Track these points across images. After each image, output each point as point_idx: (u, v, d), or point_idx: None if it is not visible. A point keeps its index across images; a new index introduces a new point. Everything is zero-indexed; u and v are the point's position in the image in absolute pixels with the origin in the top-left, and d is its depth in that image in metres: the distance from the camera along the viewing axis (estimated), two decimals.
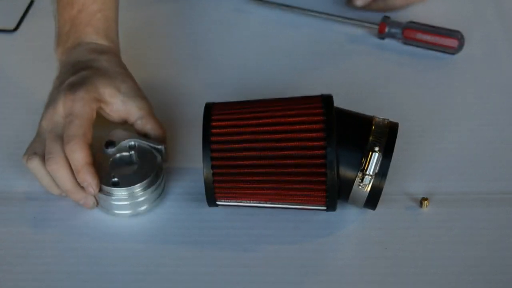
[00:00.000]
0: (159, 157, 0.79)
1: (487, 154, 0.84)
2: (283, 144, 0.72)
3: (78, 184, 0.76)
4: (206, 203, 0.75)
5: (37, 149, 0.78)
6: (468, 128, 0.87)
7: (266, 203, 0.75)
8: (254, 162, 0.72)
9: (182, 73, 0.95)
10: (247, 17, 1.03)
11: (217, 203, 0.75)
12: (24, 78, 0.94)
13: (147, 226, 0.78)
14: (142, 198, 0.77)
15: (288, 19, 1.02)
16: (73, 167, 0.75)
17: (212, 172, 0.73)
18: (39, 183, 0.78)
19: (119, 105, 0.80)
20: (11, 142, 0.86)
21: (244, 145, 0.72)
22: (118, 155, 0.79)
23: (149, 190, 0.77)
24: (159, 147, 0.80)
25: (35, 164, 0.77)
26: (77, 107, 0.77)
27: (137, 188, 0.77)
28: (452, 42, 0.94)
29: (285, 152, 0.72)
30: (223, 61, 0.97)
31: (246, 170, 0.72)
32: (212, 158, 0.72)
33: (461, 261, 0.74)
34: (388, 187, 0.74)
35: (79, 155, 0.75)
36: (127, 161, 0.80)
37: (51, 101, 0.79)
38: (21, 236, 0.77)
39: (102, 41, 0.84)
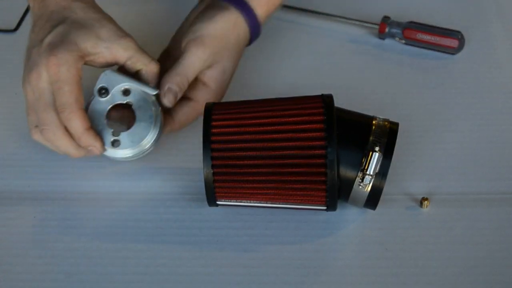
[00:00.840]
0: (152, 100, 0.78)
1: (487, 154, 0.84)
2: (283, 144, 0.72)
3: (77, 145, 0.77)
4: (206, 203, 0.75)
5: (34, 122, 0.77)
6: (468, 128, 0.87)
7: (266, 203, 0.75)
8: (254, 162, 0.72)
9: None
10: None
11: (217, 203, 0.75)
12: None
13: (147, 226, 0.78)
14: (148, 146, 0.78)
15: (288, 19, 1.02)
16: (72, 135, 0.75)
17: (212, 172, 0.73)
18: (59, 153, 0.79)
19: (105, 52, 0.78)
20: (11, 142, 0.86)
21: (244, 145, 0.72)
22: (113, 104, 0.78)
23: (151, 142, 0.78)
24: (154, 92, 0.79)
25: (38, 137, 0.77)
26: (63, 72, 0.75)
27: (139, 146, 0.77)
28: (452, 42, 0.94)
29: (285, 152, 0.72)
30: None
31: (246, 170, 0.72)
32: (212, 158, 0.72)
33: (461, 261, 0.74)
34: (388, 187, 0.74)
35: (76, 123, 0.74)
36: (124, 107, 0.79)
37: (32, 65, 0.76)
38: (21, 236, 0.77)
39: None
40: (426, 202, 0.78)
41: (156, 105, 0.79)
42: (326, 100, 0.74)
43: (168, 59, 0.86)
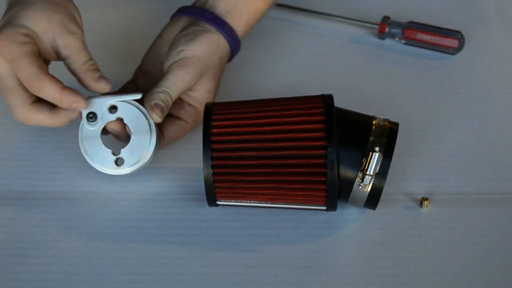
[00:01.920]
0: (144, 110, 0.78)
1: (487, 154, 0.84)
2: (283, 144, 0.72)
3: (55, 108, 0.75)
4: (206, 203, 0.75)
5: (11, 102, 0.75)
6: (468, 128, 0.87)
7: (266, 203, 0.75)
8: (254, 162, 0.72)
9: None
10: None
11: (217, 203, 0.75)
12: None
13: (147, 226, 0.78)
14: (151, 154, 0.78)
15: (287, 19, 1.02)
16: (52, 101, 0.73)
17: (212, 172, 0.73)
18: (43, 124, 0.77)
19: (50, 42, 0.75)
20: (11, 142, 0.86)
21: (244, 145, 0.72)
22: (104, 124, 0.77)
23: (152, 152, 0.78)
24: (139, 97, 0.78)
25: (23, 117, 0.76)
26: (15, 49, 0.72)
27: (146, 152, 0.77)
28: (452, 42, 0.94)
29: (285, 152, 0.72)
30: None
31: (246, 170, 0.72)
32: (212, 158, 0.72)
33: (461, 261, 0.74)
34: (388, 187, 0.74)
35: (50, 89, 0.72)
36: (117, 132, 0.79)
37: None
38: (21, 236, 0.77)
39: None
40: (426, 202, 0.78)
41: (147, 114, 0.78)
42: (326, 100, 0.74)
43: (143, 76, 0.85)
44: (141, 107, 0.78)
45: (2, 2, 0.81)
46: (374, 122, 0.73)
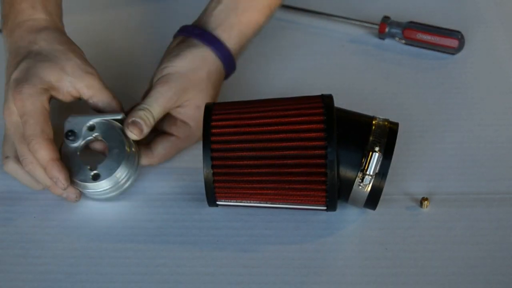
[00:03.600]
0: (122, 129, 0.78)
1: (487, 154, 0.84)
2: (283, 144, 0.72)
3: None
4: (206, 203, 0.75)
5: (8, 152, 0.78)
6: (468, 128, 0.87)
7: (266, 203, 0.75)
8: (254, 162, 0.72)
9: None
10: None
11: (217, 203, 0.75)
12: None
13: (147, 226, 0.78)
14: (124, 180, 0.77)
15: (288, 19, 1.02)
16: (41, 165, 0.75)
17: (212, 172, 0.73)
18: (21, 183, 0.79)
19: (69, 87, 0.78)
20: None
21: (244, 145, 0.72)
22: (83, 142, 0.78)
23: (129, 169, 0.77)
24: (119, 117, 0.78)
25: (10, 167, 0.78)
26: (28, 106, 0.75)
27: (118, 173, 0.76)
28: (452, 42, 0.94)
29: (285, 152, 0.72)
30: None
31: (246, 170, 0.72)
32: (212, 158, 0.72)
33: (461, 261, 0.74)
34: (388, 187, 0.74)
35: (42, 153, 0.74)
36: (95, 148, 0.79)
37: (4, 101, 0.78)
38: (21, 236, 0.77)
39: (40, 15, 0.80)
40: (426, 202, 0.78)
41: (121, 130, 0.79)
42: (326, 100, 0.74)
43: None
44: (118, 125, 0.78)
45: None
46: (374, 122, 0.73)
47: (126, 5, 1.04)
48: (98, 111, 0.80)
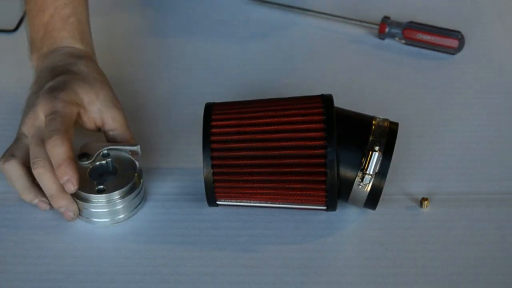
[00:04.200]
0: (137, 163, 0.78)
1: (487, 154, 0.84)
2: (283, 144, 0.72)
3: (63, 189, 0.75)
4: (206, 203, 0.75)
5: (14, 151, 0.77)
6: (468, 128, 0.87)
7: (266, 203, 0.75)
8: (254, 162, 0.72)
9: (182, 73, 0.95)
10: (247, 17, 1.03)
11: (217, 203, 0.75)
12: (24, 78, 0.93)
13: (147, 226, 0.78)
14: (120, 206, 0.77)
15: (288, 19, 1.02)
16: (54, 162, 0.74)
17: (212, 172, 0.73)
18: (13, 187, 0.78)
19: (95, 113, 0.80)
20: (11, 142, 0.86)
21: (244, 145, 0.72)
22: (97, 163, 0.78)
23: (128, 198, 0.77)
24: (134, 148, 0.79)
25: (11, 166, 0.76)
26: (59, 107, 0.76)
27: (115, 195, 0.76)
28: (452, 42, 0.94)
29: (285, 152, 0.72)
30: (223, 61, 0.97)
31: (246, 170, 0.72)
32: (212, 158, 0.72)
33: (461, 261, 0.74)
34: (388, 187, 0.74)
35: (61, 149, 0.74)
36: (105, 170, 0.79)
37: (30, 107, 0.78)
38: (21, 236, 0.77)
39: (79, 45, 0.83)
40: (426, 202, 0.78)
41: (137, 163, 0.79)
42: (326, 100, 0.74)
43: None
44: (130, 154, 0.79)
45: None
46: (374, 122, 0.73)
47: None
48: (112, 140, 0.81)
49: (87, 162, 0.78)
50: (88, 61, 0.82)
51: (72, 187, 0.74)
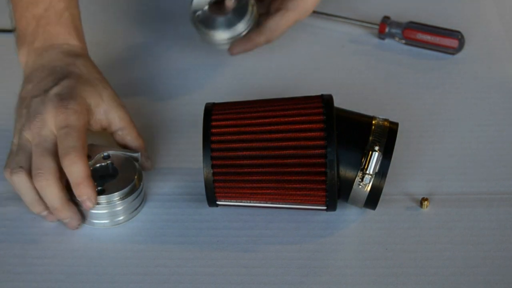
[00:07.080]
0: (137, 166, 0.79)
1: (487, 154, 0.84)
2: (283, 144, 0.72)
3: (66, 201, 0.75)
4: (206, 203, 0.75)
5: (22, 162, 0.75)
6: (468, 128, 0.87)
7: (266, 203, 0.75)
8: (254, 162, 0.72)
9: (182, 73, 0.95)
10: None
11: (217, 203, 0.75)
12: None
13: (147, 226, 0.78)
14: (120, 207, 0.77)
15: None
16: (72, 180, 0.73)
17: (212, 172, 0.73)
18: (22, 199, 0.76)
19: (101, 114, 0.79)
20: (11, 142, 0.86)
21: (244, 145, 0.72)
22: (97, 165, 0.78)
23: (127, 199, 0.77)
24: (135, 155, 0.79)
25: (20, 179, 0.75)
26: (73, 120, 0.75)
27: (115, 197, 0.76)
28: (452, 42, 0.94)
29: (285, 152, 0.72)
30: (223, 61, 0.97)
31: (246, 170, 0.72)
32: (212, 158, 0.72)
33: (461, 261, 0.74)
34: (388, 187, 0.74)
35: (80, 168, 0.73)
36: (106, 172, 0.79)
37: (35, 113, 0.76)
38: (21, 237, 0.77)
39: (74, 41, 0.83)
40: (426, 202, 0.78)
41: (137, 165, 0.79)
42: (326, 100, 0.74)
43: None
44: (133, 159, 0.79)
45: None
46: (374, 122, 0.73)
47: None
48: (120, 145, 0.81)
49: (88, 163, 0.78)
50: (85, 60, 0.82)
51: (90, 205, 0.74)
